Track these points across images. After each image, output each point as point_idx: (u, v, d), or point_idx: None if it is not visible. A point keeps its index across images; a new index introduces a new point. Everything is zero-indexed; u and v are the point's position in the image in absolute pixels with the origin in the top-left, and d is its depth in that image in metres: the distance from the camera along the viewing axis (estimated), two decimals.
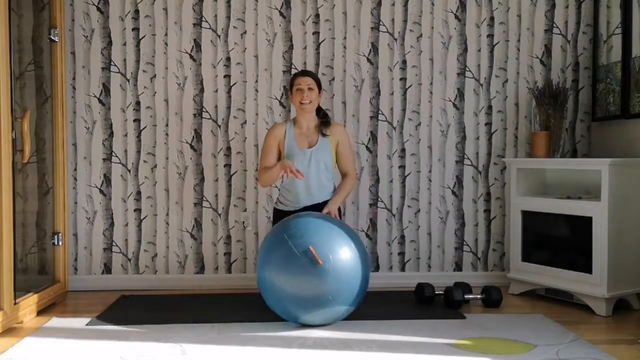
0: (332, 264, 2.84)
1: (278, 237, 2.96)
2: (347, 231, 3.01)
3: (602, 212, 3.26)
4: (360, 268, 2.93)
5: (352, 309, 2.99)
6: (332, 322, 3.00)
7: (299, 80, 3.38)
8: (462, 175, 4.01)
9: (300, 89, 3.36)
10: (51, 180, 3.62)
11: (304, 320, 2.94)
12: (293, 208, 3.42)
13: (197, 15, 3.90)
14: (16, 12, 3.52)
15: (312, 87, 3.37)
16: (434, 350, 2.64)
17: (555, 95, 3.77)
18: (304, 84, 3.36)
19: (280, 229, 3.01)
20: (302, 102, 3.35)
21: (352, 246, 2.94)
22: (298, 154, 3.37)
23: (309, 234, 2.90)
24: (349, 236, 2.98)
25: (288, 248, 2.87)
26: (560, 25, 4.00)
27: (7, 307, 2.91)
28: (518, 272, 3.72)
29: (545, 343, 2.75)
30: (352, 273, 2.89)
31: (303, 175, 3.23)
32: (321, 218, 3.03)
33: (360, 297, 2.98)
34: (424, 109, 3.99)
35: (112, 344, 2.75)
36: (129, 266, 3.93)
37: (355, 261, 2.91)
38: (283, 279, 2.87)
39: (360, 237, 3.29)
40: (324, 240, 2.89)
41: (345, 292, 2.88)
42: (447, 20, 3.97)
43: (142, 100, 3.90)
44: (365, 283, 2.97)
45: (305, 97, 3.34)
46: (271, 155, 3.42)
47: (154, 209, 3.93)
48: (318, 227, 2.95)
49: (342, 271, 2.86)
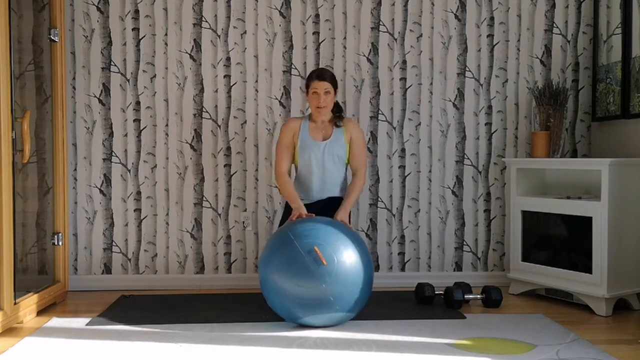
0: (337, 265, 2.84)
1: (283, 236, 2.97)
2: (354, 236, 3.01)
3: (602, 212, 3.26)
4: (364, 272, 2.93)
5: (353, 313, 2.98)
6: (333, 324, 2.99)
7: (316, 85, 3.35)
8: (462, 175, 4.01)
9: (316, 92, 3.36)
10: (51, 180, 3.62)
11: (305, 321, 2.93)
12: (304, 203, 3.40)
13: (197, 15, 3.90)
14: (16, 12, 3.52)
15: (328, 90, 3.36)
16: (434, 350, 2.64)
17: (555, 95, 3.77)
18: (321, 89, 3.34)
19: (285, 228, 3.02)
20: (318, 107, 3.36)
21: (358, 250, 2.94)
22: (313, 146, 3.40)
23: (315, 234, 2.90)
24: (356, 241, 2.98)
25: (293, 247, 2.88)
26: (560, 25, 4.00)
27: (7, 307, 2.91)
28: (518, 272, 3.72)
29: (545, 343, 2.75)
30: (356, 276, 2.89)
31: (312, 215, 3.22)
32: (328, 221, 3.05)
33: (363, 302, 2.98)
34: (424, 109, 3.99)
35: (112, 344, 2.75)
36: (129, 266, 3.93)
37: (359, 265, 2.91)
38: (286, 278, 2.87)
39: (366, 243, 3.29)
40: (330, 241, 2.89)
41: (347, 295, 2.87)
42: (447, 20, 3.97)
43: (142, 100, 3.90)
44: (368, 288, 2.97)
45: (322, 102, 3.35)
46: (287, 156, 3.44)
47: (154, 209, 3.93)
48: (324, 228, 2.96)
49: (346, 273, 2.85)
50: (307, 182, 3.45)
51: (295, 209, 3.28)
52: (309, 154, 3.40)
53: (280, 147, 3.46)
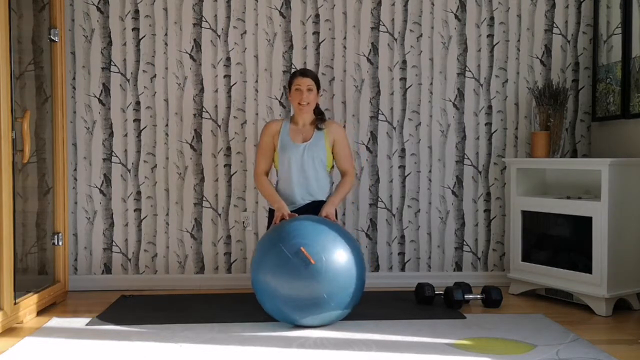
0: (325, 263, 2.84)
1: (270, 242, 2.97)
2: (339, 231, 3.01)
3: (602, 212, 3.26)
4: (354, 266, 2.93)
5: (348, 309, 2.98)
6: (329, 323, 2.99)
7: (299, 81, 3.38)
8: (462, 175, 4.01)
9: (299, 89, 3.37)
10: (51, 180, 3.62)
11: (301, 323, 2.94)
12: (290, 209, 3.39)
13: (197, 15, 3.90)
14: (16, 12, 3.52)
15: (311, 88, 3.37)
16: (434, 350, 2.64)
17: (555, 95, 3.77)
18: (304, 85, 3.36)
19: (271, 233, 3.03)
20: (300, 103, 3.36)
21: (345, 245, 2.94)
22: (292, 147, 3.39)
23: (300, 235, 2.90)
24: (341, 236, 2.98)
25: (279, 251, 2.88)
26: (560, 25, 4.00)
27: (7, 307, 2.91)
28: (518, 272, 3.72)
29: (545, 343, 2.75)
30: (347, 271, 2.89)
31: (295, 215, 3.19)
32: (313, 220, 3.04)
33: (357, 296, 2.98)
34: (424, 109, 3.99)
35: (112, 344, 2.75)
36: (129, 266, 3.93)
37: (349, 260, 2.91)
38: (277, 282, 2.87)
39: (354, 237, 3.28)
40: (316, 240, 2.89)
41: (340, 290, 2.87)
42: (447, 20, 3.97)
43: (142, 100, 3.90)
44: (360, 281, 2.97)
45: (304, 98, 3.36)
46: (266, 157, 3.45)
47: (154, 209, 3.93)
48: (309, 227, 2.96)
49: (335, 269, 2.85)
50: (288, 185, 3.41)
51: (277, 209, 3.28)
52: (288, 156, 3.38)
53: (260, 149, 3.47)
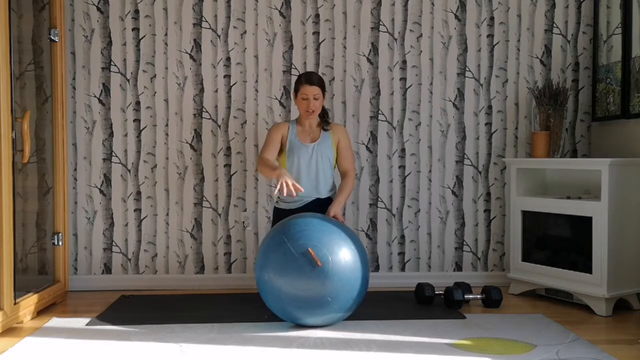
0: (331, 266, 2.83)
1: (276, 239, 2.94)
2: (347, 233, 3.00)
3: (602, 212, 3.26)
4: (360, 270, 2.92)
5: (351, 311, 2.98)
6: (331, 324, 2.99)
7: (305, 90, 3.36)
8: (462, 175, 4.01)
9: (306, 98, 3.37)
10: (51, 180, 3.62)
11: (304, 322, 2.94)
12: (295, 206, 3.41)
13: (197, 15, 3.90)
14: (16, 12, 3.52)
15: (317, 97, 3.38)
16: (434, 350, 2.64)
17: (555, 95, 3.77)
18: (310, 94, 3.36)
19: (278, 230, 2.99)
20: (307, 111, 3.38)
21: (353, 248, 2.93)
22: (301, 148, 3.41)
23: (308, 236, 2.88)
24: (350, 238, 2.97)
25: (286, 250, 2.87)
26: (560, 25, 4.00)
27: (7, 307, 2.91)
28: (518, 272, 3.72)
29: (545, 343, 2.75)
30: (352, 275, 2.88)
31: (301, 189, 3.10)
32: (321, 219, 3.02)
33: (360, 299, 2.97)
34: (424, 109, 3.99)
35: (112, 344, 2.75)
36: (129, 266, 3.93)
37: (354, 264, 2.90)
38: (282, 281, 2.86)
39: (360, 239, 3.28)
40: (324, 241, 2.87)
41: (344, 294, 2.87)
42: (447, 20, 3.97)
43: (142, 100, 3.90)
44: (364, 285, 2.97)
45: (311, 107, 3.37)
46: (273, 147, 3.42)
47: (154, 209, 3.93)
48: (317, 228, 2.93)
49: (341, 273, 2.85)
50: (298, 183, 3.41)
51: (279, 176, 3.10)
52: (297, 157, 3.40)
53: (268, 140, 3.42)
